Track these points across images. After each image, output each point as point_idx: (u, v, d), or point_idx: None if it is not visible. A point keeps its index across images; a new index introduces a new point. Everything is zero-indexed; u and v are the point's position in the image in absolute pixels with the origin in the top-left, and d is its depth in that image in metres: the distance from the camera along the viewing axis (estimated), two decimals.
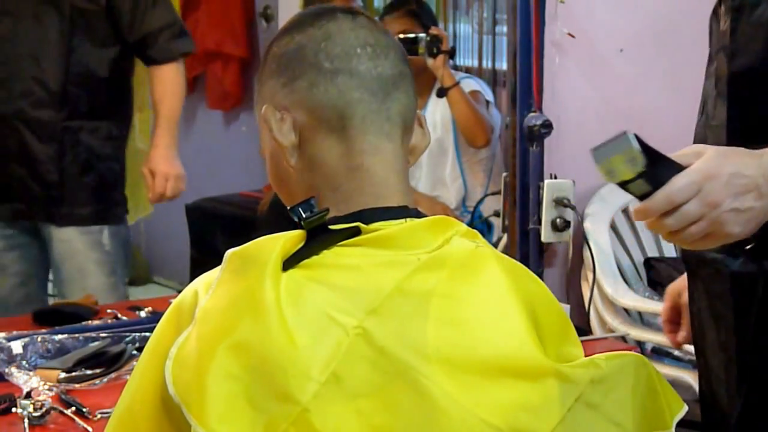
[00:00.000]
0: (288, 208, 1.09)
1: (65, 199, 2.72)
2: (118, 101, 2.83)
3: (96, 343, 2.03)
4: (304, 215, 1.07)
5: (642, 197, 1.20)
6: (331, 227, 1.07)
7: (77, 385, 1.87)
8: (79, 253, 2.75)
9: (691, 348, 1.65)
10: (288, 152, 1.14)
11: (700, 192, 1.19)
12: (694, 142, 1.48)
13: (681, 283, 1.67)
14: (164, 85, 2.85)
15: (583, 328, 2.79)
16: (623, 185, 1.20)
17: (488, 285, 1.08)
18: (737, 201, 1.20)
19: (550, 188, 2.83)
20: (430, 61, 3.35)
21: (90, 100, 2.72)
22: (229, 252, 1.06)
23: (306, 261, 1.05)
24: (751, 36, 1.39)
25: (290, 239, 1.05)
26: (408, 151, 1.18)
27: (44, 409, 1.73)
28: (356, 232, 1.07)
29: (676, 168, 1.20)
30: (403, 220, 1.10)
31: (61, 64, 2.66)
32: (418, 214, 1.13)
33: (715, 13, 1.50)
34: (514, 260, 1.16)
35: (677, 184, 1.18)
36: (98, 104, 2.74)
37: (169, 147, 2.84)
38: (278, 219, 3.71)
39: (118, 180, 2.83)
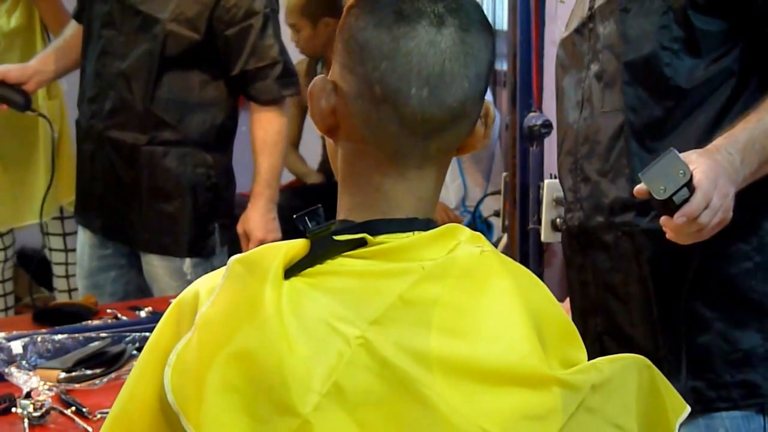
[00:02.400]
0: (294, 216, 1.06)
1: (146, 225, 2.63)
2: (216, 130, 2.66)
3: (96, 343, 2.03)
4: (309, 225, 1.05)
5: (680, 205, 1.36)
6: (337, 237, 1.05)
7: (77, 385, 1.88)
8: (161, 278, 2.66)
9: None
10: (325, 115, 1.09)
11: (716, 187, 1.38)
12: (578, 137, 1.76)
13: None
14: (265, 133, 2.69)
15: None
16: (668, 199, 1.36)
17: (492, 294, 1.07)
18: (732, 189, 1.42)
19: (550, 188, 2.82)
20: None
21: (179, 126, 2.59)
22: (232, 259, 1.04)
23: (308, 270, 1.03)
24: (639, 29, 1.60)
25: (293, 248, 1.04)
26: (448, 162, 1.13)
27: (44, 409, 1.73)
28: (361, 243, 1.05)
29: (689, 168, 1.38)
30: (410, 233, 1.07)
31: (148, 87, 2.55)
32: (428, 226, 1.09)
33: (579, 32, 1.74)
34: (517, 264, 1.15)
35: (706, 184, 1.37)
36: (189, 131, 2.60)
37: (267, 210, 2.65)
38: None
39: (211, 210, 2.65)
